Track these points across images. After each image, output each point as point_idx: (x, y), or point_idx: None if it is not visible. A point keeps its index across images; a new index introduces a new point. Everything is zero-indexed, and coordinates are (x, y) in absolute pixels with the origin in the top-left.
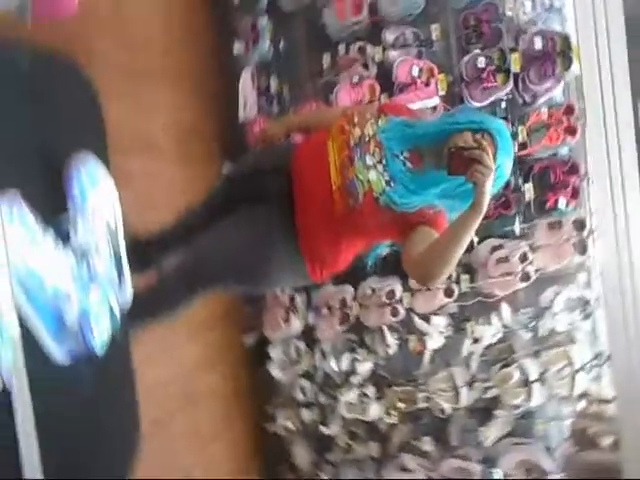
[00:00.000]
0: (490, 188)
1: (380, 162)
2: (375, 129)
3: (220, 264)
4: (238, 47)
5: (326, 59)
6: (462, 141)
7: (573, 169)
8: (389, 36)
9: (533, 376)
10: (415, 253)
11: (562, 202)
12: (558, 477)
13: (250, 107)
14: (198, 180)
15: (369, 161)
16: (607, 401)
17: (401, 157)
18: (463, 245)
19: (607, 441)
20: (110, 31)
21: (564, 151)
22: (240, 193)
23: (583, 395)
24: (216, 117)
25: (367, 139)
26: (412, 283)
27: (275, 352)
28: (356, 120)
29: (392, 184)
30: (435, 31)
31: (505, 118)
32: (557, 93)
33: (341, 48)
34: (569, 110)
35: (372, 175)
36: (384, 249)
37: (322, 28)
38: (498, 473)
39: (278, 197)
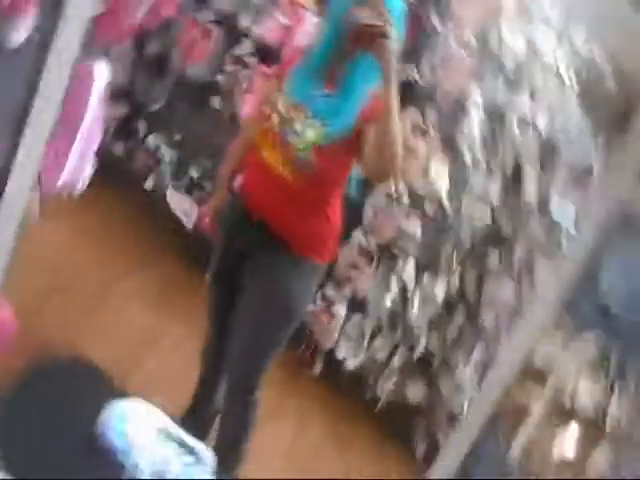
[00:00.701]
0: (394, 46)
1: (306, 117)
2: (284, 99)
3: (265, 341)
4: (150, 182)
5: (216, 101)
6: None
7: None
8: (244, 19)
9: (529, 112)
10: (367, 157)
11: None
12: None
13: (191, 211)
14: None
15: (298, 127)
16: None
17: (318, 93)
18: (396, 116)
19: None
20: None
21: None
22: (230, 277)
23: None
24: (178, 256)
25: (286, 113)
26: None
27: (343, 350)
28: (268, 111)
29: (327, 122)
30: None
31: None
32: None
33: (220, 78)
34: None
35: (309, 134)
36: (356, 173)
37: (196, 82)
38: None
39: (257, 241)
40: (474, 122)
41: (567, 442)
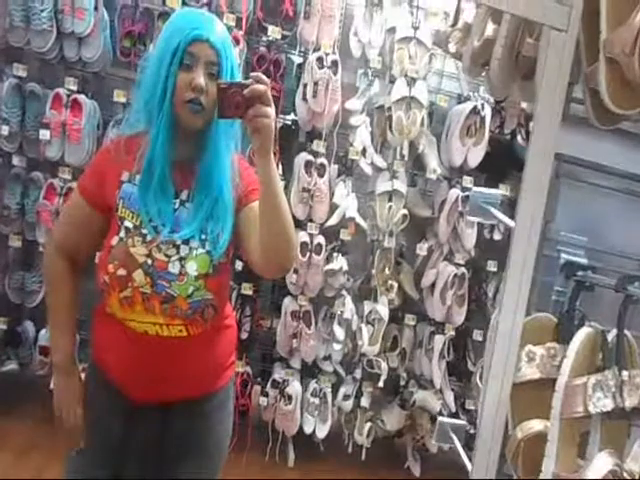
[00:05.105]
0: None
1: (177, 250)
2: (135, 242)
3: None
4: None
5: None
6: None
7: None
8: None
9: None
10: (254, 247)
11: None
12: None
13: None
14: None
15: (175, 269)
16: None
17: (175, 206)
18: (280, 192)
19: None
20: None
21: None
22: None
23: None
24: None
25: (151, 263)
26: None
27: (310, 424)
28: (123, 272)
29: (204, 238)
30: None
31: None
32: None
33: None
34: None
35: (192, 269)
36: None
37: None
38: None
39: (157, 427)
40: (363, 134)
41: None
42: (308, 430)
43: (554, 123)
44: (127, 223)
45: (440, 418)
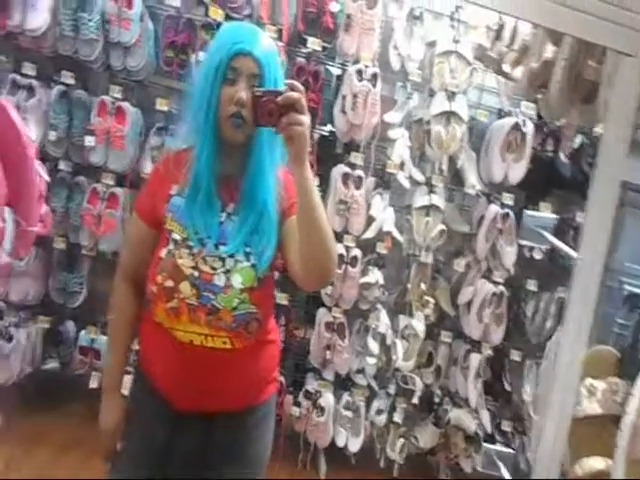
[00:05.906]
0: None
1: (223, 262)
2: (183, 254)
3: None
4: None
5: None
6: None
7: None
8: None
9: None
10: (295, 259)
11: None
12: None
13: None
14: None
15: (221, 281)
16: None
17: (222, 219)
18: (318, 202)
19: None
20: None
21: None
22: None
23: None
24: None
25: (197, 275)
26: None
27: (342, 437)
28: (171, 283)
29: (249, 251)
30: None
31: None
32: None
33: None
34: None
35: (237, 282)
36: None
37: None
38: None
39: (201, 437)
40: (402, 148)
41: None
42: (340, 443)
43: (621, 150)
44: (175, 235)
45: (486, 445)
